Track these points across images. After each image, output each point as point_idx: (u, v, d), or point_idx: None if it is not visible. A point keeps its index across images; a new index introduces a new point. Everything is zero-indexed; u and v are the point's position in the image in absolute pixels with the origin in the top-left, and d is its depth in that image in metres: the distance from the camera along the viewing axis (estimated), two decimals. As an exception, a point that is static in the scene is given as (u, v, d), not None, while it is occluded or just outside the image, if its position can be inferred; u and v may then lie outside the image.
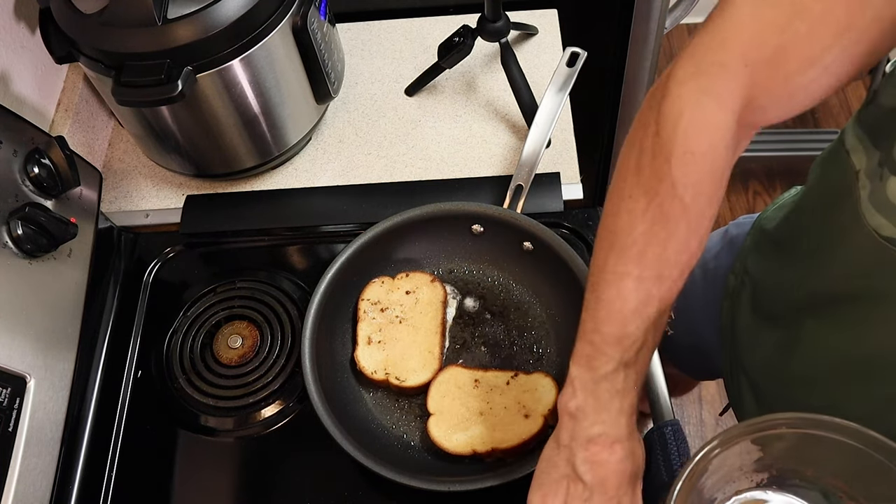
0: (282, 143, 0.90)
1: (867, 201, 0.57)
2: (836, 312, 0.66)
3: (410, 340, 0.78)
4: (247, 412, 0.79)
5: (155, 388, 0.81)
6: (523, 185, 0.84)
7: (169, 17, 0.72)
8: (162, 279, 0.89)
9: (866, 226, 0.57)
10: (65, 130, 0.90)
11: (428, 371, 0.76)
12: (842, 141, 0.62)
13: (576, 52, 0.85)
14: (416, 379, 0.76)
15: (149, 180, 0.96)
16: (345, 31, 1.06)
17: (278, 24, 0.79)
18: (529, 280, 0.83)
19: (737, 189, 2.01)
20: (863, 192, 0.58)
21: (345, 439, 0.69)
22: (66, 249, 0.74)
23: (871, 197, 0.57)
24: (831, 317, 0.67)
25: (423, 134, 0.97)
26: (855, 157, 0.59)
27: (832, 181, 0.65)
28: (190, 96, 0.74)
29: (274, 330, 0.82)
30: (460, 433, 0.73)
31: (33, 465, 0.65)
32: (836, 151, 0.63)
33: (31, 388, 0.66)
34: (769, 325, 0.77)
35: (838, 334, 0.66)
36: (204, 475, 0.77)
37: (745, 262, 0.84)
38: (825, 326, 0.68)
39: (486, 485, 0.67)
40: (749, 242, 0.84)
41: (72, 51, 0.77)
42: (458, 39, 0.92)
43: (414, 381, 0.76)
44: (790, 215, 0.77)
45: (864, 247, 0.59)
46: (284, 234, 0.91)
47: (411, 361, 0.77)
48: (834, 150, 0.64)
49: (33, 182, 0.70)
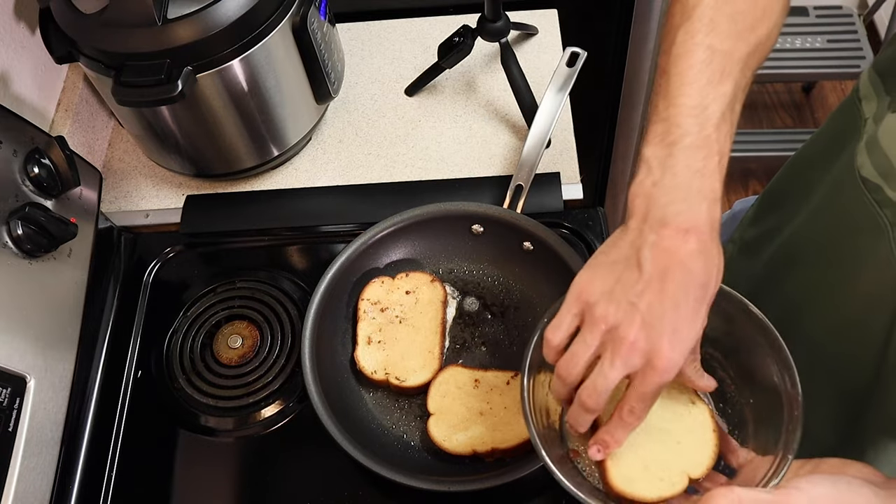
0: (282, 143, 0.90)
1: (862, 144, 0.58)
2: (816, 270, 0.67)
3: (410, 340, 0.78)
4: (247, 412, 0.79)
5: (155, 388, 0.81)
6: (523, 185, 0.84)
7: (169, 17, 0.72)
8: (162, 279, 0.89)
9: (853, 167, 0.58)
10: (65, 130, 0.90)
11: (428, 371, 0.76)
12: (856, 90, 0.63)
13: (576, 52, 0.85)
14: (416, 379, 0.76)
15: (149, 180, 0.96)
16: (345, 31, 1.06)
17: (278, 24, 0.79)
18: (529, 280, 0.83)
19: (737, 189, 2.01)
20: (864, 138, 0.59)
21: (345, 439, 0.69)
22: (66, 249, 0.74)
23: (866, 139, 0.58)
24: (811, 274, 0.68)
25: (423, 134, 0.97)
26: (866, 104, 0.60)
27: (839, 128, 0.66)
28: (190, 96, 0.74)
29: (274, 330, 0.82)
30: (460, 433, 0.73)
31: (33, 465, 0.65)
32: (849, 101, 0.64)
33: (31, 388, 0.66)
34: (756, 280, 0.78)
35: (816, 293, 0.68)
36: (204, 475, 0.77)
37: (743, 231, 0.85)
38: (804, 284, 0.69)
39: (486, 485, 0.67)
40: (750, 213, 0.86)
41: (72, 51, 0.77)
42: (458, 39, 0.92)
43: (414, 381, 0.76)
44: (793, 162, 0.77)
45: (850, 196, 0.60)
46: (284, 234, 0.91)
47: (411, 361, 0.77)
48: (847, 101, 0.65)
49: (33, 182, 0.70)
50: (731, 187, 2.02)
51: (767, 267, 0.78)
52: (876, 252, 0.60)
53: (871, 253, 0.61)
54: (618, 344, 0.48)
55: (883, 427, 0.69)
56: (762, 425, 0.55)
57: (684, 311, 0.47)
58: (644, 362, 0.48)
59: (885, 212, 0.59)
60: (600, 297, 0.49)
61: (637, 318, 0.48)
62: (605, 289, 0.49)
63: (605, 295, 0.49)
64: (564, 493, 0.52)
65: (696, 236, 0.47)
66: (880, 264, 0.60)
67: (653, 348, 0.47)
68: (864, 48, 1.78)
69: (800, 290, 0.72)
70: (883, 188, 0.58)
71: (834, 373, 0.71)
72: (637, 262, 0.48)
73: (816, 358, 0.71)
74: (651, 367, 0.47)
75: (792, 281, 0.73)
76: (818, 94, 2.18)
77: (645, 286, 0.48)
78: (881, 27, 2.03)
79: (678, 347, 0.47)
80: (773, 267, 0.77)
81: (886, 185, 0.58)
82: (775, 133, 2.04)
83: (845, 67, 1.77)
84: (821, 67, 1.78)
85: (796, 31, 1.82)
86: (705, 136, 0.49)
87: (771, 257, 0.78)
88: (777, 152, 1.93)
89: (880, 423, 0.69)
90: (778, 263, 0.76)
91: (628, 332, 0.48)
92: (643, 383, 0.48)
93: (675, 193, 0.48)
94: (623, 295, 0.48)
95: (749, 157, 1.93)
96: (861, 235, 0.61)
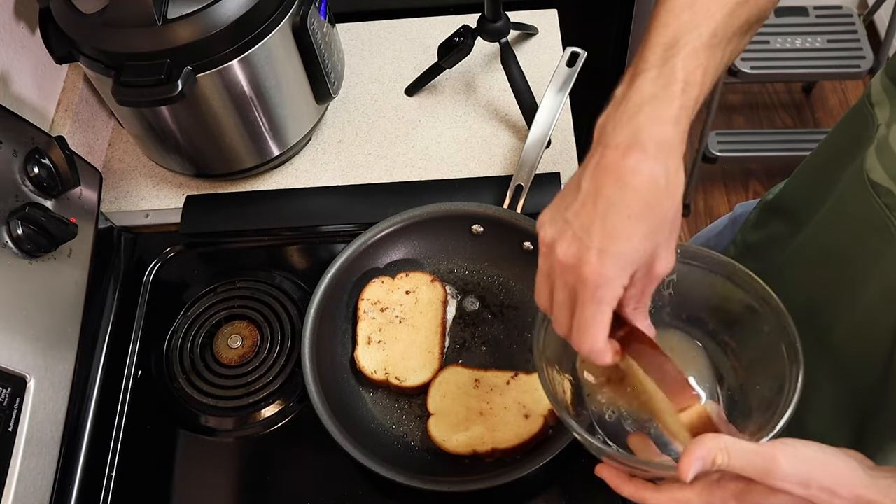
0: (282, 143, 0.90)
1: (872, 148, 0.58)
2: (824, 274, 0.67)
3: (410, 340, 0.78)
4: (247, 412, 0.79)
5: (155, 388, 0.81)
6: (523, 185, 0.84)
7: (169, 17, 0.72)
8: (162, 279, 0.89)
9: (863, 171, 0.58)
10: (65, 130, 0.90)
11: (428, 371, 0.76)
12: (867, 95, 0.63)
13: (576, 52, 0.85)
14: (416, 379, 0.76)
15: (149, 180, 0.96)
16: (345, 31, 1.06)
17: (278, 24, 0.79)
18: (529, 280, 0.82)
19: (737, 189, 2.01)
20: (874, 142, 0.58)
21: (345, 439, 0.69)
22: (66, 249, 0.74)
23: (877, 143, 0.57)
24: (816, 278, 0.68)
25: (423, 134, 0.97)
26: (879, 110, 0.60)
27: (850, 134, 0.65)
28: (190, 96, 0.74)
29: (274, 330, 0.82)
30: (460, 433, 0.73)
31: (33, 465, 0.65)
32: (860, 106, 0.64)
33: (31, 388, 0.66)
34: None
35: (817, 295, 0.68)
36: (204, 475, 0.77)
37: (746, 234, 0.85)
38: (804, 286, 0.69)
39: (486, 485, 0.67)
40: (752, 216, 0.86)
41: (72, 51, 0.77)
42: (458, 39, 0.92)
43: (414, 381, 0.76)
44: (799, 172, 0.77)
45: (860, 199, 0.59)
46: (284, 234, 0.91)
47: (411, 361, 0.77)
48: (858, 105, 0.65)
49: (33, 182, 0.70)
50: (731, 187, 2.02)
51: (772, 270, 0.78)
52: (885, 256, 0.60)
53: (880, 257, 0.60)
54: (555, 263, 0.48)
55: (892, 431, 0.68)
56: (761, 414, 0.55)
57: (614, 224, 0.45)
58: (576, 279, 0.47)
59: (894, 215, 0.58)
60: (545, 223, 0.50)
61: (568, 233, 0.47)
62: (550, 215, 0.50)
63: (549, 219, 0.49)
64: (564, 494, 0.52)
65: (636, 154, 0.46)
66: (889, 268, 0.60)
67: (581, 262, 0.46)
68: (864, 48, 1.78)
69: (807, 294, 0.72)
70: (893, 192, 0.57)
71: (841, 377, 0.71)
72: (577, 184, 0.48)
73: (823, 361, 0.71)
74: (581, 283, 0.46)
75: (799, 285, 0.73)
76: (818, 94, 2.18)
77: (580, 205, 0.47)
78: (881, 27, 2.03)
79: (608, 261, 0.45)
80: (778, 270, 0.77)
81: None
82: (775, 133, 2.04)
83: (845, 67, 1.77)
84: (821, 67, 1.78)
85: (796, 31, 1.82)
86: (669, 67, 0.47)
87: (777, 261, 0.78)
88: (777, 152, 1.92)
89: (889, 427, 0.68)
90: (785, 267, 0.76)
91: (560, 248, 0.47)
92: (580, 306, 0.47)
93: (622, 117, 0.47)
94: (560, 215, 0.48)
95: (749, 157, 1.93)
96: (870, 239, 0.61)
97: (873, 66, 1.74)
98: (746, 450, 0.45)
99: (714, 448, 0.44)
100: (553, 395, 0.56)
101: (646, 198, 0.46)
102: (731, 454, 0.44)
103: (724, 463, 0.44)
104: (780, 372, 0.53)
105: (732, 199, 1.97)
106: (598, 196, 0.46)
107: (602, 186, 0.46)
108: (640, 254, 0.46)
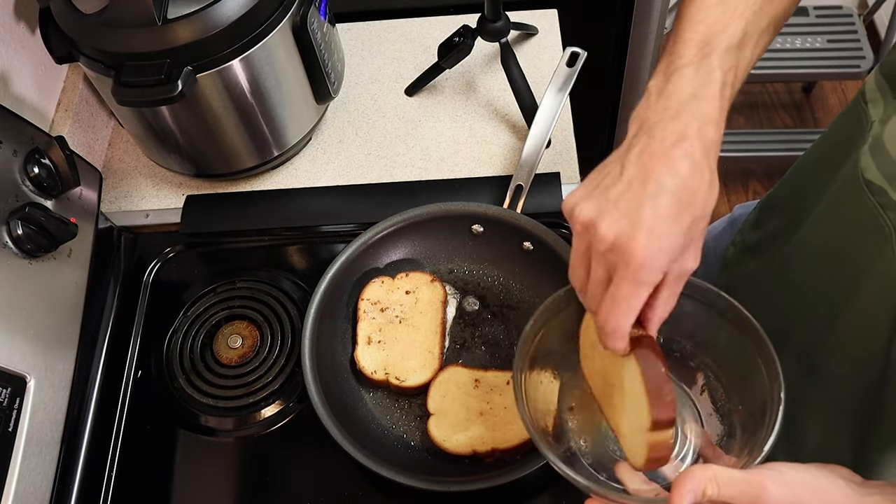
0: (282, 143, 0.90)
1: (867, 147, 0.58)
2: (819, 274, 0.67)
3: (410, 340, 0.78)
4: (247, 412, 0.79)
5: (155, 388, 0.81)
6: (523, 185, 0.84)
7: (169, 17, 0.72)
8: (162, 279, 0.89)
9: (858, 171, 0.58)
10: (65, 130, 0.90)
11: (428, 371, 0.76)
12: (862, 93, 0.63)
13: (576, 52, 0.85)
14: (416, 379, 0.76)
15: (149, 180, 0.96)
16: (345, 31, 1.06)
17: (278, 24, 0.79)
18: (529, 280, 0.83)
19: (737, 189, 2.01)
20: (868, 141, 0.58)
21: (345, 439, 0.69)
22: (66, 249, 0.74)
23: (871, 142, 0.57)
24: (813, 277, 0.68)
25: (423, 134, 0.97)
26: (872, 107, 0.60)
27: (844, 132, 0.65)
28: (190, 96, 0.74)
29: (274, 330, 0.82)
30: (460, 433, 0.73)
31: (33, 465, 0.65)
32: (854, 104, 0.64)
33: (31, 388, 0.66)
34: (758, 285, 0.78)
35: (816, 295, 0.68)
36: (204, 475, 0.77)
37: (745, 234, 0.85)
38: (806, 287, 0.69)
39: (486, 485, 0.67)
40: (752, 216, 0.86)
41: (72, 51, 0.77)
42: (458, 39, 0.92)
43: (414, 381, 0.76)
44: (794, 171, 0.77)
45: (854, 199, 0.60)
46: (284, 234, 0.91)
47: (411, 361, 0.77)
48: (853, 104, 0.65)
49: (33, 182, 0.70)
50: (731, 187, 2.02)
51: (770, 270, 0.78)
52: (879, 255, 0.60)
53: (874, 256, 0.60)
54: (596, 240, 0.47)
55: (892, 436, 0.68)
56: (748, 433, 0.55)
57: (664, 209, 0.45)
58: (618, 257, 0.46)
59: (888, 214, 0.58)
60: (580, 200, 0.48)
61: (613, 212, 0.46)
62: (583, 195, 0.48)
63: (585, 197, 0.48)
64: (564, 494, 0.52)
65: (684, 147, 0.46)
66: (885, 267, 0.60)
67: (628, 241, 0.45)
68: (864, 48, 1.78)
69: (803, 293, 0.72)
70: (887, 191, 0.57)
71: (839, 382, 0.71)
72: (620, 168, 0.47)
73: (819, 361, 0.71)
74: (625, 262, 0.45)
75: (795, 284, 0.73)
76: (818, 94, 2.18)
77: (626, 185, 0.46)
78: (881, 27, 2.03)
79: (656, 242, 0.45)
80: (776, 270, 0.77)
81: (891, 188, 0.57)
82: (775, 133, 2.04)
83: (845, 67, 1.77)
84: (821, 67, 1.78)
85: (796, 31, 1.82)
86: (707, 65, 0.48)
87: (774, 261, 0.78)
88: (777, 152, 1.93)
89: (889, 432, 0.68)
90: (781, 267, 0.76)
91: (601, 225, 0.46)
92: (617, 281, 0.46)
93: (666, 113, 0.47)
94: (601, 195, 0.47)
95: (749, 157, 1.93)
96: (865, 238, 0.61)
97: (873, 66, 1.74)
98: (735, 479, 0.45)
99: (703, 479, 0.44)
100: (531, 423, 0.56)
101: (693, 189, 0.46)
102: (721, 484, 0.44)
103: (714, 493, 0.44)
104: (762, 392, 0.54)
105: (732, 199, 1.97)
106: (647, 179, 0.45)
107: (652, 171, 0.46)
108: (681, 243, 0.46)
